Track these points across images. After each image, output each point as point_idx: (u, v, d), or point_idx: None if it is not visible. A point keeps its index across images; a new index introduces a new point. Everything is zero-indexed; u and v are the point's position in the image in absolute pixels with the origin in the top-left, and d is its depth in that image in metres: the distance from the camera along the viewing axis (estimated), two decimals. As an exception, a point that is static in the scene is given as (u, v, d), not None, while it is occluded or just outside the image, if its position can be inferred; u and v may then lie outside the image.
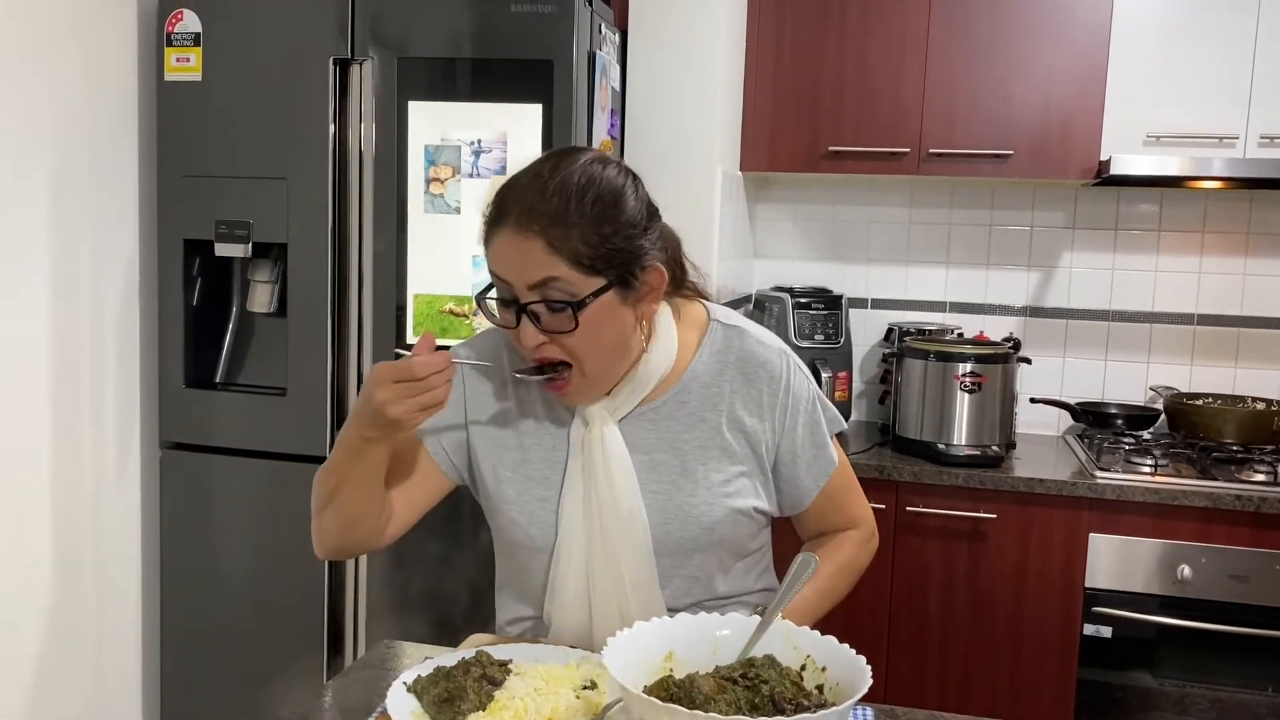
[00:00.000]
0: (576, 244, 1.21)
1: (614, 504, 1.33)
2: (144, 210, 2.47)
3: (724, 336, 1.41)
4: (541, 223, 1.21)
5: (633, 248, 1.26)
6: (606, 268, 1.24)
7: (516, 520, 1.38)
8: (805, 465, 1.43)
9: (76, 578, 2.36)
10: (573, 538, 1.35)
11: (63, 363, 2.27)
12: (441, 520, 2.33)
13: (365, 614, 2.42)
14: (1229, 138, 2.58)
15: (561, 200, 1.22)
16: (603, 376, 1.31)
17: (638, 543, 1.34)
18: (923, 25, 2.70)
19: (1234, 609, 2.38)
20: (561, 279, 1.22)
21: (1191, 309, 2.96)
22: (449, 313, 2.29)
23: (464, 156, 2.25)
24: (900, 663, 2.56)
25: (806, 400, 1.42)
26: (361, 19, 2.29)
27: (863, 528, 1.52)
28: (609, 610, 1.35)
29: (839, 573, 1.46)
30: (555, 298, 1.23)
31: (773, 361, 1.41)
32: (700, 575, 1.41)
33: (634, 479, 1.33)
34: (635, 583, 1.34)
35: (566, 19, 2.20)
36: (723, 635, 1.16)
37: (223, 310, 2.56)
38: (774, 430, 1.40)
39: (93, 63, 2.31)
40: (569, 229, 1.21)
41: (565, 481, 1.35)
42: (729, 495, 1.37)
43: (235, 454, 2.43)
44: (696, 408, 1.38)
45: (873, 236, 3.14)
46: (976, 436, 2.61)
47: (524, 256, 1.22)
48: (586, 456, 1.34)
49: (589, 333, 1.24)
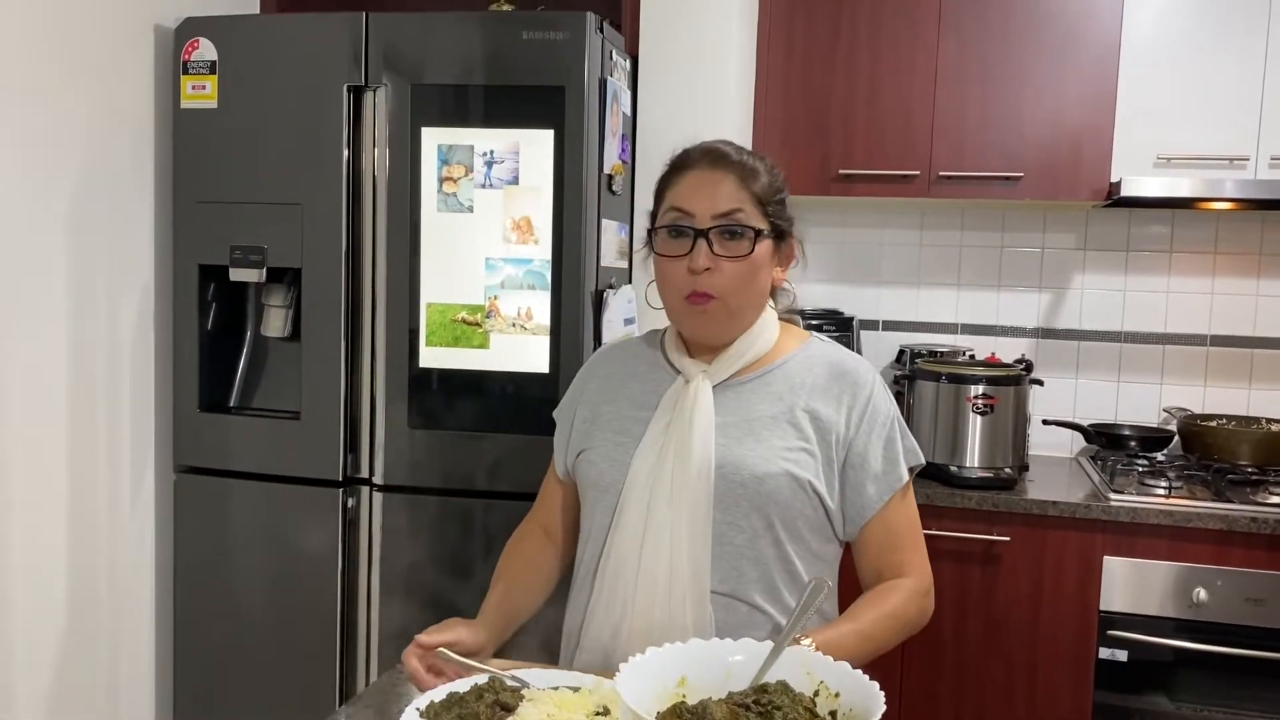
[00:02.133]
0: (761, 187, 1.45)
1: (689, 450, 1.42)
2: (160, 236, 2.50)
3: (820, 347, 1.55)
4: (733, 165, 1.45)
5: (787, 211, 1.50)
6: (775, 216, 1.46)
7: (593, 461, 1.52)
8: (873, 475, 1.46)
9: (92, 601, 2.37)
10: (639, 479, 1.44)
11: (79, 387, 2.29)
12: (457, 544, 2.35)
13: (379, 637, 2.42)
14: (1240, 159, 2.58)
15: (745, 156, 1.47)
16: (739, 315, 1.47)
17: (699, 491, 1.41)
18: (932, 48, 2.71)
19: (1251, 632, 2.36)
20: (744, 211, 1.43)
21: (1204, 330, 2.95)
22: (462, 321, 2.30)
23: (477, 166, 2.27)
24: (914, 687, 2.55)
25: (886, 416, 1.49)
26: (375, 47, 2.31)
27: (918, 579, 1.49)
28: (658, 558, 1.41)
29: (883, 619, 1.42)
30: (736, 224, 1.42)
31: (861, 372, 1.51)
32: (748, 539, 1.43)
33: (712, 432, 1.44)
34: (691, 530, 1.41)
35: (578, 46, 2.22)
36: (736, 661, 1.16)
37: (237, 335, 2.58)
38: (848, 427, 1.46)
39: (110, 91, 2.34)
40: (755, 175, 1.45)
41: (646, 435, 1.47)
42: (786, 459, 1.43)
43: (250, 478, 2.44)
44: (779, 390, 1.49)
45: (884, 259, 3.14)
46: (989, 458, 2.60)
47: (716, 187, 1.43)
48: (677, 410, 1.46)
49: (750, 266, 1.44)
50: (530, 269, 2.27)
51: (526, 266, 2.27)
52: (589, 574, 1.50)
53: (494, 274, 2.28)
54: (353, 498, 2.40)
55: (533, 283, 2.27)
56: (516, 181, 2.26)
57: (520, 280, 2.27)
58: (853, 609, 1.43)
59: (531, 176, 2.25)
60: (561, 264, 2.26)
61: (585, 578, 1.52)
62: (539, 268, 2.27)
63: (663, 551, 1.41)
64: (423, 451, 2.36)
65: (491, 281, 2.28)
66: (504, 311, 2.27)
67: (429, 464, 2.35)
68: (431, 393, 2.34)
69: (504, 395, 2.31)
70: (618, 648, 1.40)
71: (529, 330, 2.27)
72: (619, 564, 1.44)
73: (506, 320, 2.27)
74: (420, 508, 2.37)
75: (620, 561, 1.44)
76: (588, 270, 2.28)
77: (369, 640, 2.43)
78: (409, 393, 2.35)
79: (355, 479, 2.40)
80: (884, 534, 1.47)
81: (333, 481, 2.40)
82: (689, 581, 1.40)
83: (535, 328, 2.27)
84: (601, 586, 1.46)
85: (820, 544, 1.48)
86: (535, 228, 2.26)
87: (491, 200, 2.27)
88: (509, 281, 2.27)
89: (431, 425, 2.35)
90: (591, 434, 1.54)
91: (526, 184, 2.25)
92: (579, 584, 1.55)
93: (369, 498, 2.40)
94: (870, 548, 1.49)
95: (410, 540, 2.38)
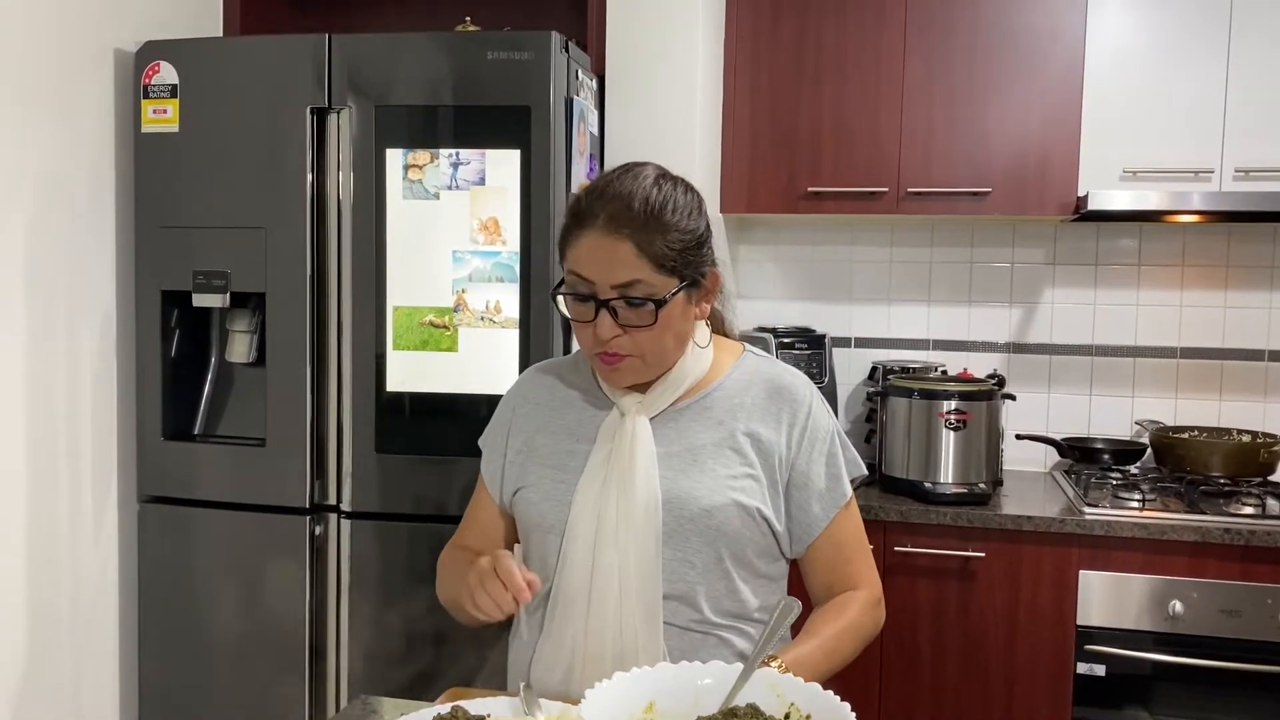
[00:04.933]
0: (661, 249, 1.35)
1: (631, 487, 1.38)
2: (121, 261, 2.46)
3: (754, 363, 1.52)
4: (631, 227, 1.34)
5: (702, 254, 1.41)
6: (683, 270, 1.37)
7: (532, 500, 1.47)
8: (818, 493, 1.45)
9: (54, 633, 2.31)
10: (583, 515, 1.40)
11: (38, 416, 2.25)
12: (426, 570, 2.30)
13: (347, 669, 2.38)
14: (1204, 171, 2.60)
15: (648, 210, 1.35)
16: (658, 365, 1.43)
17: (647, 529, 1.38)
18: (898, 65, 2.72)
19: (1227, 644, 2.36)
20: (644, 280, 1.35)
21: (1174, 342, 2.96)
22: (429, 324, 2.27)
23: (442, 165, 2.25)
24: (892, 705, 2.53)
25: (826, 431, 1.48)
26: (339, 68, 2.29)
27: (870, 589, 1.50)
28: (608, 591, 1.38)
29: (843, 633, 1.42)
30: (636, 296, 1.35)
31: (798, 387, 1.49)
32: (700, 573, 1.40)
33: (655, 466, 1.41)
34: (640, 569, 1.37)
35: (543, 65, 2.21)
36: (705, 684, 1.15)
37: (201, 361, 2.53)
38: (790, 447, 1.45)
39: (70, 115, 2.31)
40: (654, 235, 1.35)
41: (586, 468, 1.43)
42: (733, 489, 1.41)
43: (215, 506, 2.40)
44: (718, 414, 1.46)
45: (854, 276, 3.14)
46: (963, 474, 2.59)
47: (613, 256, 1.34)
48: (616, 444, 1.42)
49: (661, 327, 1.37)
50: (499, 261, 2.23)
51: (495, 259, 2.24)
52: (536, 611, 1.47)
53: (461, 267, 2.25)
54: (320, 525, 2.36)
55: (501, 275, 2.23)
56: (483, 183, 2.24)
57: (488, 273, 2.24)
58: (810, 624, 1.42)
59: (498, 179, 2.23)
60: (530, 285, 2.24)
61: (533, 615, 1.48)
62: (508, 259, 2.23)
63: (612, 589, 1.38)
64: (391, 477, 2.32)
65: (459, 274, 2.25)
66: (472, 305, 2.24)
67: (397, 489, 2.32)
68: (399, 417, 2.31)
69: (472, 418, 2.27)
70: (570, 686, 1.38)
71: (498, 324, 2.24)
72: (567, 604, 1.41)
73: (475, 314, 2.24)
74: (389, 534, 2.33)
75: (569, 602, 1.41)
76: (556, 314, 2.25)
77: (338, 669, 2.39)
78: (376, 417, 2.32)
79: (322, 506, 2.37)
80: (832, 549, 1.47)
81: (300, 509, 2.36)
82: (641, 618, 1.37)
83: (505, 320, 2.24)
84: (550, 626, 1.43)
85: (767, 565, 1.48)
86: (503, 228, 2.23)
87: (458, 199, 2.25)
88: (477, 274, 2.24)
89: (400, 450, 2.31)
90: (528, 469, 1.50)
91: (494, 184, 2.23)
92: (525, 622, 1.50)
93: (336, 525, 2.36)
94: (819, 563, 1.48)
95: (379, 567, 2.34)
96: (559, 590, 1.42)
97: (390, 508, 2.33)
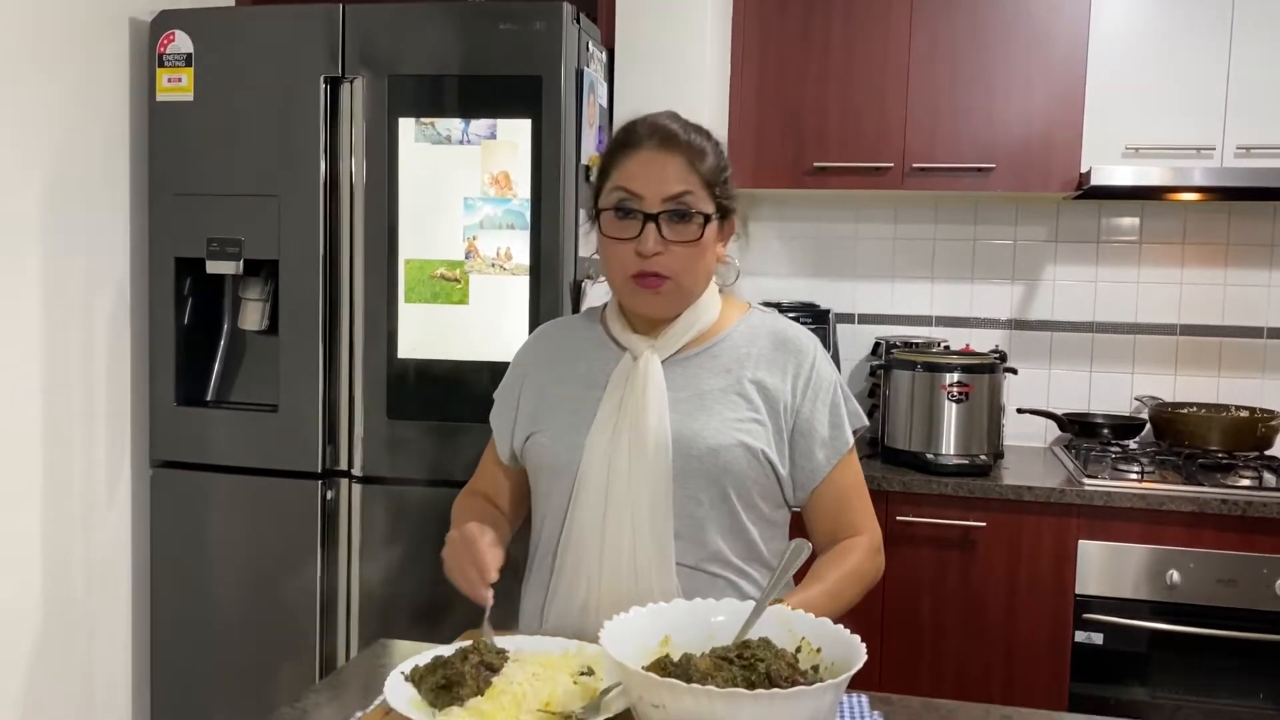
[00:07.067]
0: (709, 167, 1.44)
1: (643, 428, 1.42)
2: (135, 229, 2.49)
3: (761, 317, 1.57)
4: (683, 145, 1.43)
5: (731, 190, 1.49)
6: (720, 196, 1.46)
7: (545, 444, 1.51)
8: (821, 440, 1.49)
9: (68, 596, 2.35)
10: (595, 458, 1.44)
11: (54, 382, 2.28)
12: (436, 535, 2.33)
13: (358, 629, 2.42)
14: (1206, 148, 2.63)
15: (695, 135, 1.46)
16: (689, 294, 1.48)
17: (658, 466, 1.42)
18: (904, 42, 2.75)
19: (1223, 613, 2.39)
20: (693, 194, 1.42)
21: (1174, 320, 2.99)
22: (440, 277, 2.30)
23: (454, 132, 2.29)
24: (893, 672, 2.56)
25: (829, 382, 1.51)
26: (352, 39, 2.32)
27: (870, 537, 1.54)
28: (621, 528, 1.42)
29: (846, 577, 1.46)
30: (685, 208, 1.42)
31: (803, 340, 1.53)
32: (707, 510, 1.44)
33: (665, 404, 1.44)
34: (652, 506, 1.41)
35: (555, 36, 2.24)
36: (718, 621, 1.18)
37: (214, 328, 2.57)
38: (794, 395, 1.49)
39: (85, 84, 2.33)
40: (703, 155, 1.44)
41: (599, 412, 1.47)
42: (739, 431, 1.45)
43: (227, 471, 2.43)
44: (725, 363, 1.50)
45: (859, 252, 3.17)
46: (965, 446, 2.63)
47: (665, 170, 1.42)
48: (628, 388, 1.46)
49: (699, 248, 1.44)
50: (510, 208, 2.26)
51: (505, 206, 2.27)
52: (548, 554, 1.51)
53: (473, 214, 2.28)
54: (331, 490, 2.40)
55: (512, 222, 2.27)
56: (494, 137, 2.27)
57: (499, 220, 2.27)
58: (815, 570, 1.45)
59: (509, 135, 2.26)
60: (540, 232, 2.26)
61: (544, 558, 1.52)
62: (518, 206, 2.26)
63: (625, 528, 1.42)
64: (402, 442, 2.35)
65: (470, 221, 2.28)
66: (483, 252, 2.27)
67: (408, 455, 2.35)
68: (410, 383, 2.34)
69: (482, 385, 2.31)
70: (586, 625, 1.41)
71: (508, 270, 2.27)
72: (580, 542, 1.45)
73: (485, 261, 2.27)
74: (400, 499, 2.37)
75: (582, 540, 1.45)
76: (566, 259, 2.29)
77: (348, 632, 2.42)
78: (388, 383, 2.35)
79: (334, 471, 2.40)
80: (834, 496, 1.51)
81: (311, 474, 2.39)
82: (654, 555, 1.41)
83: (515, 268, 2.27)
84: (564, 565, 1.47)
85: (772, 510, 1.52)
86: (514, 181, 2.26)
87: (469, 154, 2.28)
88: (488, 221, 2.27)
89: (411, 416, 2.35)
90: (540, 416, 1.54)
91: (506, 136, 2.26)
92: (538, 564, 1.55)
93: (348, 490, 2.39)
94: (822, 510, 1.52)
95: (390, 532, 2.38)
96: (571, 529, 1.45)
97: (401, 473, 2.36)
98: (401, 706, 1.10)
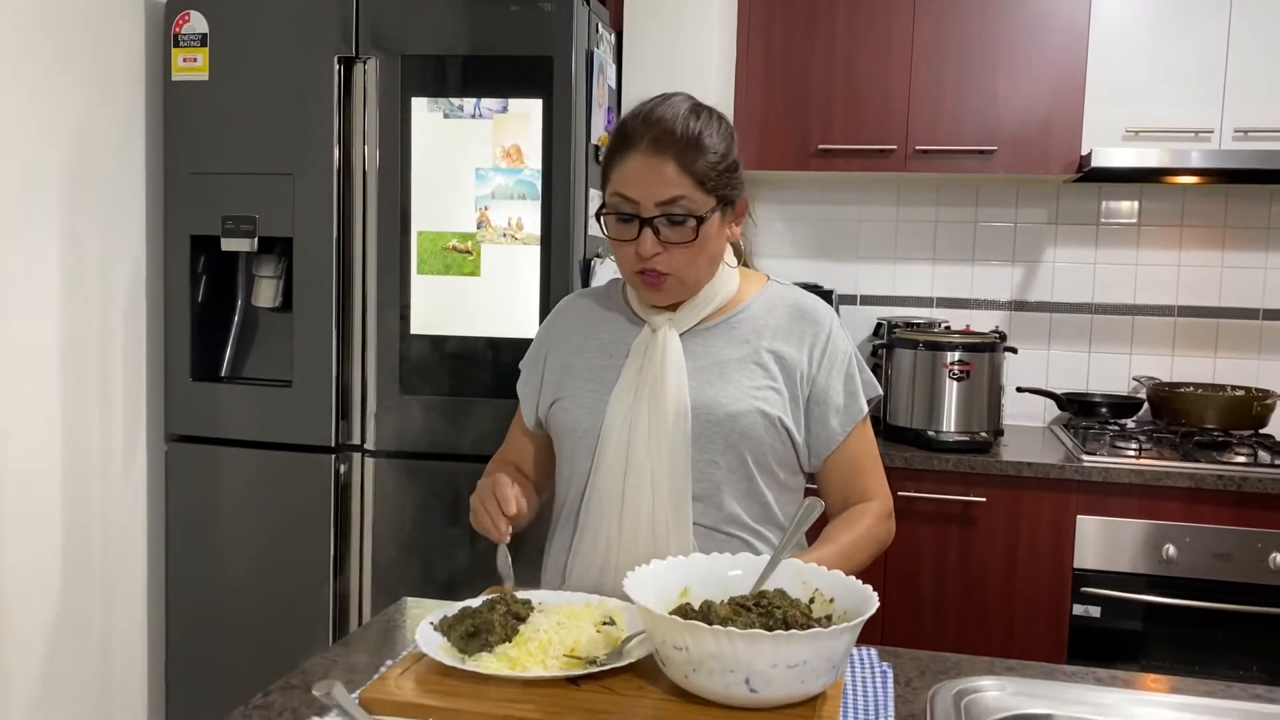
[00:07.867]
0: (702, 167, 1.42)
1: (662, 396, 1.47)
2: (151, 207, 2.52)
3: (778, 290, 1.60)
4: (674, 148, 1.41)
5: (735, 177, 1.48)
6: (719, 189, 1.45)
7: (568, 409, 1.55)
8: (836, 409, 1.53)
9: (84, 569, 2.39)
10: (615, 423, 1.49)
11: (71, 357, 2.32)
12: (448, 509, 2.39)
13: (371, 602, 2.46)
14: (1205, 131, 2.67)
15: (688, 132, 1.42)
16: (693, 284, 1.50)
17: (677, 431, 1.46)
18: (908, 26, 2.79)
19: (1218, 586, 2.45)
20: (686, 197, 1.42)
21: (1172, 301, 3.04)
22: (452, 249, 2.34)
23: (466, 105, 2.33)
24: (894, 645, 2.59)
25: (844, 353, 1.55)
26: (365, 19, 2.35)
27: (882, 503, 1.58)
28: (640, 490, 1.46)
29: (859, 540, 1.50)
30: (679, 212, 1.41)
31: (820, 311, 1.57)
32: (724, 474, 1.48)
33: (684, 374, 1.48)
34: (671, 470, 1.45)
35: (565, 16, 2.27)
36: (734, 575, 1.22)
37: (228, 305, 2.61)
38: (810, 364, 1.53)
39: (101, 63, 2.37)
40: (695, 155, 1.42)
41: (620, 379, 1.52)
42: (757, 398, 1.49)
43: (241, 445, 2.48)
44: (743, 334, 1.54)
45: (861, 234, 3.22)
46: (966, 423, 2.68)
47: (656, 175, 1.41)
48: (647, 357, 1.50)
49: (700, 245, 1.44)
50: (521, 179, 2.30)
51: (517, 176, 2.31)
52: (571, 515, 1.55)
53: (484, 184, 2.32)
54: (344, 464, 2.44)
55: (524, 192, 2.31)
56: (506, 111, 2.31)
57: (511, 190, 2.31)
58: (827, 532, 1.50)
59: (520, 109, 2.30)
60: (551, 202, 2.30)
61: (568, 519, 1.57)
62: (529, 177, 2.30)
63: (644, 490, 1.46)
64: (414, 417, 2.39)
65: (482, 192, 2.32)
66: (495, 222, 2.31)
67: (421, 429, 2.39)
68: (423, 359, 2.38)
69: (494, 361, 2.36)
70: (605, 582, 1.46)
71: (519, 240, 2.31)
72: (602, 503, 1.49)
73: (497, 231, 2.31)
74: (412, 473, 2.41)
75: (603, 500, 1.49)
76: (576, 234, 2.33)
77: (361, 605, 2.47)
78: (400, 359, 2.39)
79: (347, 445, 2.44)
80: (848, 463, 1.55)
81: (325, 448, 2.44)
82: (672, 516, 1.46)
83: (526, 237, 2.32)
84: (585, 525, 1.51)
85: (788, 476, 1.56)
86: (525, 154, 2.30)
87: (481, 127, 2.32)
88: (500, 191, 2.31)
89: (423, 391, 2.39)
90: (564, 383, 1.58)
91: (517, 115, 2.30)
92: (561, 525, 1.60)
93: (361, 464, 2.44)
94: (836, 476, 1.57)
95: (402, 505, 2.42)
96: (593, 491, 1.50)
97: (413, 447, 2.40)
98: (433, 652, 1.14)
